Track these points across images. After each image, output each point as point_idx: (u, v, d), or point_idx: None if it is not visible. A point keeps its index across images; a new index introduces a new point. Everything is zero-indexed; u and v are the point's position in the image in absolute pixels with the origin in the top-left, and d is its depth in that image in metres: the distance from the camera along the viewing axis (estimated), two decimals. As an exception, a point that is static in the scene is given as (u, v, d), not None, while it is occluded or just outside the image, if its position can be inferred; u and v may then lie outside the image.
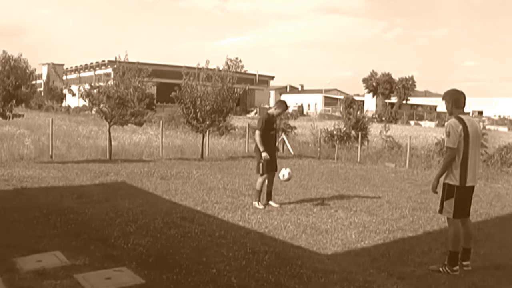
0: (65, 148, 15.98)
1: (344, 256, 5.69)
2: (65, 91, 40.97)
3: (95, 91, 14.32)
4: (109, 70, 45.40)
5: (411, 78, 75.56)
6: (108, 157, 14.37)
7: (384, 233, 6.78)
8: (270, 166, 8.26)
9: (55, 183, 9.79)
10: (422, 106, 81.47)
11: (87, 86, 14.59)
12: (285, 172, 8.49)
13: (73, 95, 14.73)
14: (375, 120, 47.41)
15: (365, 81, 79.28)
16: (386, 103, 75.20)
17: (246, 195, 9.22)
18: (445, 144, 5.17)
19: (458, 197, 5.07)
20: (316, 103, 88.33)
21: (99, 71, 66.11)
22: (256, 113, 63.24)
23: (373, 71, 78.74)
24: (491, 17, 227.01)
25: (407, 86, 75.06)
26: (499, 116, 69.58)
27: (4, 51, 14.05)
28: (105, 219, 6.81)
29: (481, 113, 73.79)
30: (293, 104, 70.91)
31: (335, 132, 19.68)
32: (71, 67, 77.20)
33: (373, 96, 79.33)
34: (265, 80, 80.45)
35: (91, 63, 71.59)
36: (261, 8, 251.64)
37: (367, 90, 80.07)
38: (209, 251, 5.52)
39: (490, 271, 5.26)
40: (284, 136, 19.78)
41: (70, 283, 4.37)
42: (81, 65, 74.67)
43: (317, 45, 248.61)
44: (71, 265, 4.83)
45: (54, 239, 5.73)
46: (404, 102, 76.84)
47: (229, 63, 16.91)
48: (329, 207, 8.40)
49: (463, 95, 5.22)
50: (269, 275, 4.79)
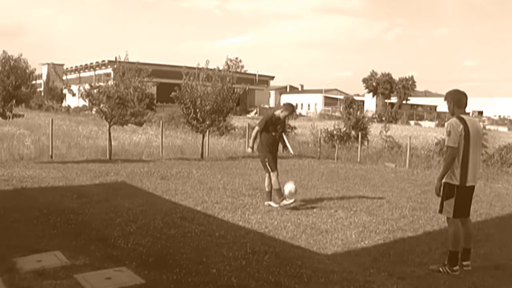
0: (65, 148, 15.98)
1: (344, 256, 5.69)
2: (65, 91, 40.90)
3: (95, 91, 14.32)
4: (109, 70, 45.39)
5: (411, 78, 75.62)
6: (108, 157, 14.37)
7: (384, 233, 6.79)
8: (275, 163, 8.23)
9: (55, 183, 9.79)
10: (422, 106, 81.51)
11: (87, 86, 14.59)
12: (291, 187, 8.09)
13: (73, 95, 14.72)
14: (375, 120, 47.42)
15: (365, 81, 79.31)
16: (386, 103, 75.21)
17: (246, 195, 9.22)
18: (445, 143, 5.18)
19: (458, 197, 5.07)
20: (316, 103, 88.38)
21: (99, 71, 66.12)
22: (256, 113, 63.27)
23: (373, 71, 78.91)
24: (491, 17, 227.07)
25: (407, 86, 75.08)
26: (499, 116, 69.57)
27: (4, 51, 14.07)
28: (105, 219, 6.81)
29: (481, 113, 73.77)
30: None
31: (335, 132, 19.68)
32: (71, 67, 77.23)
33: (373, 96, 79.35)
34: (265, 80, 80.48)
35: (91, 63, 71.63)
36: (261, 8, 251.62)
37: (367, 90, 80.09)
38: (209, 251, 5.52)
39: (490, 271, 5.26)
40: (284, 136, 19.74)
41: (70, 283, 4.37)
42: (81, 65, 74.72)
43: (317, 45, 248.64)
44: (71, 265, 4.82)
45: (54, 239, 5.73)
46: (404, 102, 76.86)
47: (229, 63, 17.04)
48: (329, 207, 8.40)
49: (465, 95, 5.22)
50: (269, 275, 4.79)
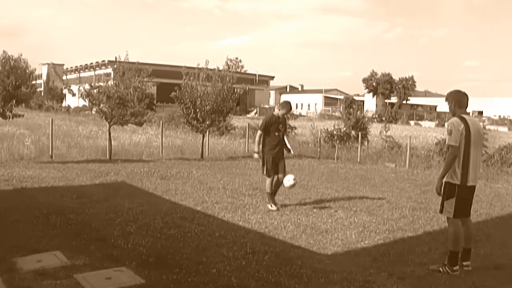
0: (65, 148, 15.98)
1: (344, 256, 5.69)
2: (65, 91, 40.93)
3: (95, 91, 14.32)
4: (109, 70, 45.41)
5: (411, 78, 75.58)
6: (108, 157, 14.37)
7: (384, 233, 6.78)
8: (274, 168, 8.14)
9: (55, 183, 9.79)
10: (422, 106, 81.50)
11: (87, 86, 14.60)
12: (289, 178, 8.11)
13: (73, 95, 14.72)
14: (375, 120, 47.40)
15: (365, 81, 79.29)
16: (386, 103, 75.20)
17: (246, 195, 9.23)
18: (446, 142, 5.18)
19: (459, 196, 5.06)
20: (316, 103, 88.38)
21: (99, 71, 66.17)
22: (256, 113, 63.27)
23: (373, 71, 78.85)
24: (491, 17, 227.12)
25: (407, 86, 75.05)
26: (499, 116, 69.55)
27: (4, 51, 14.09)
28: (105, 219, 6.82)
29: (481, 113, 73.72)
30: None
31: (335, 132, 19.67)
32: (71, 67, 77.27)
33: (373, 96, 79.33)
34: (265, 80, 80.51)
35: (91, 63, 71.68)
36: (261, 8, 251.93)
37: (367, 90, 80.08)
38: (209, 251, 5.52)
39: (490, 271, 5.26)
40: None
41: (70, 283, 4.37)
42: (81, 65, 74.77)
43: (317, 45, 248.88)
44: (71, 265, 4.82)
45: (54, 239, 5.73)
46: (404, 102, 76.84)
47: (229, 63, 16.99)
48: (329, 207, 8.40)
49: (466, 95, 5.23)
50: (269, 275, 4.79)
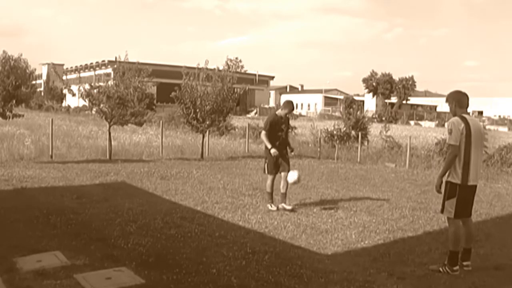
0: (65, 148, 15.98)
1: (344, 256, 5.69)
2: (65, 91, 40.84)
3: (95, 91, 14.32)
4: (109, 70, 45.40)
5: (411, 78, 75.57)
6: (108, 157, 14.37)
7: (384, 233, 6.78)
8: (276, 166, 8.07)
9: (55, 183, 9.79)
10: (422, 106, 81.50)
11: (87, 86, 14.59)
12: (294, 174, 8.04)
13: (73, 95, 14.71)
14: (375, 120, 47.40)
15: (365, 81, 79.28)
16: (386, 103, 75.19)
17: (246, 195, 9.22)
18: (447, 141, 5.19)
19: (460, 196, 5.07)
20: (316, 103, 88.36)
21: (99, 71, 66.17)
22: (256, 113, 63.26)
23: (373, 71, 78.83)
24: (491, 17, 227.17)
25: (407, 86, 75.04)
26: (499, 116, 69.54)
27: (4, 51, 14.09)
28: (105, 219, 6.82)
29: (481, 113, 73.70)
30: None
31: (335, 132, 19.65)
32: (71, 67, 77.27)
33: (373, 96, 79.32)
34: (265, 80, 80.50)
35: (91, 63, 71.67)
36: (261, 8, 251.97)
37: (367, 90, 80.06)
38: (209, 251, 5.52)
39: (490, 271, 5.26)
40: None
41: (70, 283, 4.37)
42: (81, 65, 74.76)
43: (317, 45, 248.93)
44: (71, 265, 4.83)
45: (54, 239, 5.73)
46: (404, 102, 76.83)
47: (229, 63, 16.88)
48: (329, 207, 8.40)
49: (466, 96, 5.25)
50: (269, 275, 4.79)
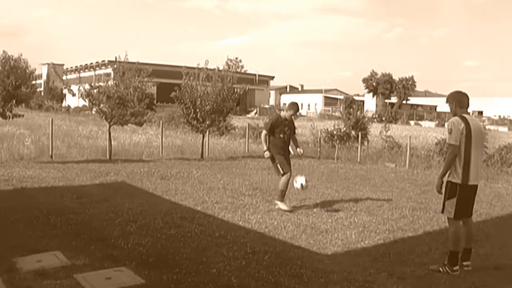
0: (65, 148, 15.98)
1: (344, 256, 5.69)
2: (65, 91, 40.83)
3: (95, 91, 14.31)
4: (109, 70, 45.41)
5: (411, 78, 75.61)
6: (108, 157, 14.37)
7: (384, 233, 6.78)
8: (288, 163, 7.97)
9: (55, 183, 9.79)
10: (422, 106, 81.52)
11: (87, 86, 14.59)
12: (301, 180, 7.88)
13: (73, 95, 14.70)
14: (375, 120, 47.40)
15: (365, 81, 79.30)
16: (386, 103, 75.21)
17: (246, 195, 9.22)
18: (447, 141, 5.19)
19: (460, 196, 5.06)
20: (316, 103, 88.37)
21: (99, 71, 66.17)
22: (256, 113, 63.27)
23: (373, 71, 78.88)
24: (491, 17, 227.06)
25: (407, 86, 75.07)
26: (499, 116, 69.55)
27: (4, 51, 14.07)
28: (105, 219, 6.81)
29: (481, 113, 73.72)
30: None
31: (335, 132, 19.66)
32: (71, 67, 77.26)
33: (373, 96, 79.34)
34: (265, 80, 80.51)
35: (91, 63, 71.68)
36: (261, 8, 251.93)
37: (367, 90, 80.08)
38: (209, 251, 5.52)
39: (490, 271, 5.26)
40: None
41: (70, 283, 4.37)
42: (81, 65, 74.76)
43: (317, 45, 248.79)
44: (71, 265, 4.83)
45: (54, 239, 5.73)
46: (404, 102, 76.86)
47: (229, 63, 16.87)
48: (329, 207, 8.40)
49: (466, 96, 5.26)
50: (269, 275, 4.79)
